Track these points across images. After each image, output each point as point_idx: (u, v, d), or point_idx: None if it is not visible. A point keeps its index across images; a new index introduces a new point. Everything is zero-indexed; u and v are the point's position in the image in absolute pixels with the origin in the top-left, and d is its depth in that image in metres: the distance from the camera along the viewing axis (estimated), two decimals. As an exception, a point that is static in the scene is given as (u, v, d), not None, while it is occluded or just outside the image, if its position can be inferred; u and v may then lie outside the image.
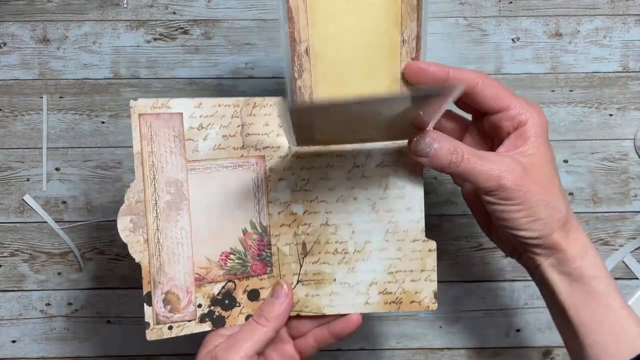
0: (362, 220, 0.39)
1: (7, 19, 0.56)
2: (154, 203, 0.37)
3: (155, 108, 0.37)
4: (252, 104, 0.38)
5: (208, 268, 0.38)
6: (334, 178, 0.39)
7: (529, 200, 0.36)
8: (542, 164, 0.37)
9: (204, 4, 0.56)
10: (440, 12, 0.57)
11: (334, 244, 0.39)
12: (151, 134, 0.37)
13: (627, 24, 0.57)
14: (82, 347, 0.56)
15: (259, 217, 0.39)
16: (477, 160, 0.36)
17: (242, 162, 0.38)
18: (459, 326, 0.57)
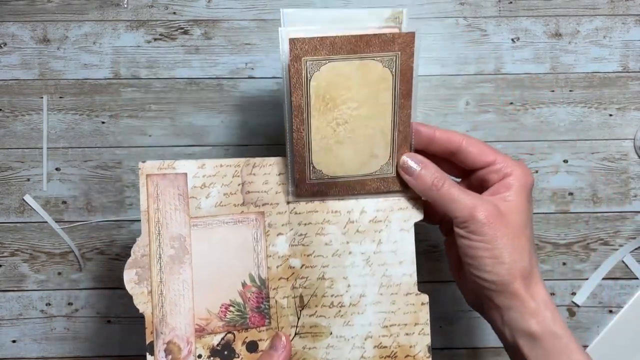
0: (357, 274, 0.41)
1: (7, 19, 0.56)
2: (159, 257, 0.39)
3: (161, 169, 0.39)
4: (252, 164, 0.40)
5: (208, 319, 0.40)
6: (329, 233, 0.41)
7: (496, 240, 0.37)
8: (518, 213, 0.38)
9: (204, 4, 0.56)
10: (440, 12, 0.57)
11: (330, 297, 0.41)
12: (157, 193, 0.39)
13: (627, 24, 0.57)
14: (82, 347, 0.56)
15: (258, 271, 0.40)
16: (456, 190, 0.38)
17: (242, 218, 0.40)
18: (459, 326, 0.57)
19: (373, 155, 0.40)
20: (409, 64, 0.37)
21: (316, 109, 0.38)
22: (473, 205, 0.37)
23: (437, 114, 0.56)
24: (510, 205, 0.38)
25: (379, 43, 0.37)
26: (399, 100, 0.38)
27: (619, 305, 0.56)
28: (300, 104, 0.37)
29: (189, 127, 0.56)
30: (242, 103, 0.56)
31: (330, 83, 0.37)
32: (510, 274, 0.37)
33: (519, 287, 0.37)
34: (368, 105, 0.38)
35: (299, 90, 0.37)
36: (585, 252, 0.56)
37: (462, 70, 0.57)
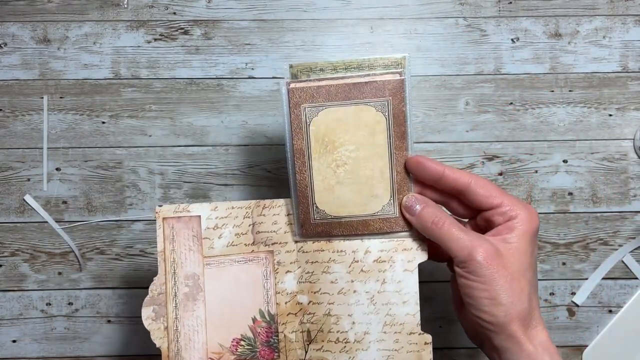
0: (362, 312, 0.42)
1: (8, 19, 0.56)
2: (174, 295, 0.41)
3: (177, 212, 0.41)
4: (262, 206, 0.42)
5: (220, 353, 0.41)
6: (335, 272, 0.42)
7: (494, 281, 0.37)
8: (519, 255, 0.38)
9: (204, 5, 0.57)
10: (440, 12, 0.57)
11: (336, 333, 0.42)
12: (173, 235, 0.41)
13: (626, 24, 0.57)
14: (82, 347, 0.56)
15: (268, 307, 0.42)
16: (456, 229, 0.38)
17: (252, 257, 0.42)
18: (459, 326, 0.57)
19: (374, 196, 0.41)
20: (401, 108, 0.39)
21: (316, 152, 0.40)
22: (472, 245, 0.37)
23: (437, 114, 0.57)
24: (511, 247, 0.38)
25: (370, 90, 0.39)
26: (395, 142, 0.40)
27: (618, 305, 0.57)
28: (302, 147, 0.40)
29: (189, 127, 0.56)
30: (242, 103, 0.56)
31: (328, 127, 0.39)
32: (508, 315, 0.37)
33: (517, 329, 0.37)
34: (365, 147, 0.40)
35: (299, 134, 0.39)
36: (584, 252, 0.57)
37: (462, 71, 0.57)
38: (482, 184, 0.40)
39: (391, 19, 0.57)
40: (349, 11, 0.57)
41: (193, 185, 0.56)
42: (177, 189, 0.56)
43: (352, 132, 0.39)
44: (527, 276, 0.38)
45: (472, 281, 0.37)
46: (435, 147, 0.56)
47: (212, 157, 0.56)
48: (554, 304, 0.57)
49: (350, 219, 0.41)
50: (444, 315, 0.57)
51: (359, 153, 0.40)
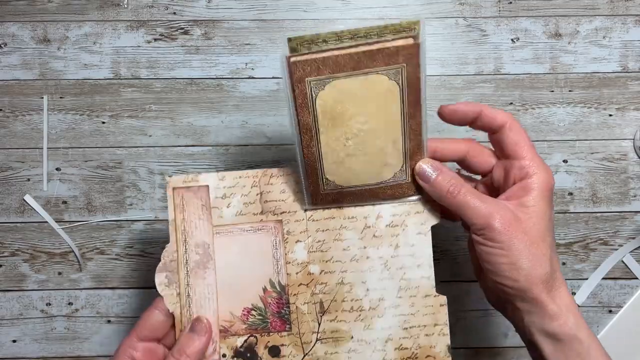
0: (376, 279, 0.42)
1: (8, 19, 0.56)
2: (185, 262, 0.42)
3: (186, 182, 0.42)
4: (269, 174, 0.42)
5: (231, 322, 0.42)
6: (347, 239, 0.42)
7: (513, 247, 0.37)
8: (537, 218, 0.38)
9: (204, 5, 0.57)
10: (440, 12, 0.57)
11: (350, 302, 0.42)
12: (183, 204, 0.42)
13: (626, 25, 0.57)
14: (82, 347, 0.56)
15: (278, 277, 0.42)
16: (472, 197, 0.38)
17: (261, 226, 0.42)
18: (459, 326, 0.57)
19: (386, 165, 0.40)
20: (416, 74, 0.37)
21: (324, 126, 0.38)
22: (489, 212, 0.37)
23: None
24: (529, 211, 0.38)
25: (382, 57, 0.36)
26: (408, 110, 0.38)
27: (618, 305, 0.57)
28: (308, 122, 0.38)
29: (189, 127, 0.56)
30: (242, 103, 0.56)
31: (336, 100, 0.37)
32: (529, 280, 0.37)
33: (539, 292, 0.37)
34: (376, 118, 0.38)
35: (305, 110, 0.37)
36: (584, 252, 0.57)
37: (462, 71, 0.57)
38: (516, 129, 0.39)
39: (391, 19, 0.57)
40: (349, 11, 0.57)
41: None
42: (177, 189, 0.56)
43: (362, 104, 0.38)
44: (547, 240, 0.38)
45: (491, 247, 0.37)
46: (435, 147, 0.56)
47: (212, 157, 0.56)
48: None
49: (361, 187, 0.40)
50: (444, 315, 0.57)
51: (370, 125, 0.38)
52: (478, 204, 0.38)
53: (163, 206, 0.56)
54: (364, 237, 0.42)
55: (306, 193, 0.41)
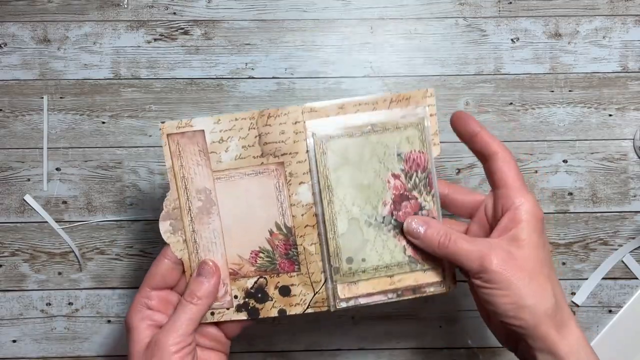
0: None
1: (8, 19, 0.56)
2: (188, 209, 0.41)
3: (180, 128, 0.41)
4: (266, 115, 0.41)
5: (240, 264, 0.42)
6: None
7: (513, 285, 0.36)
8: (531, 250, 0.37)
9: (204, 5, 0.57)
10: (440, 12, 0.57)
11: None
12: (179, 151, 0.41)
13: (626, 25, 0.57)
14: (82, 347, 0.56)
15: (283, 219, 0.42)
16: (463, 243, 0.38)
17: (262, 169, 0.41)
18: (459, 326, 0.57)
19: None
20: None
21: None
22: (482, 255, 0.37)
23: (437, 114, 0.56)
24: (522, 244, 0.37)
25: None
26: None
27: (618, 305, 0.57)
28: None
29: (189, 127, 0.56)
30: (242, 103, 0.56)
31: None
32: (535, 318, 0.36)
33: (548, 329, 0.36)
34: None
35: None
36: (584, 252, 0.57)
37: (462, 71, 0.57)
38: (507, 159, 0.39)
39: (391, 19, 0.57)
40: (349, 11, 0.57)
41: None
42: (177, 189, 0.56)
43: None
44: (545, 272, 0.37)
45: (491, 289, 0.37)
46: (435, 147, 0.56)
47: (212, 157, 0.56)
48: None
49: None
50: (444, 315, 0.57)
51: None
52: (470, 248, 0.38)
53: (163, 206, 0.56)
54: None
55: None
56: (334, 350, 0.56)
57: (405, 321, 0.57)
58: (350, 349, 0.56)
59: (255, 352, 0.56)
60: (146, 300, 0.40)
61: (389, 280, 0.42)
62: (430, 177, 0.41)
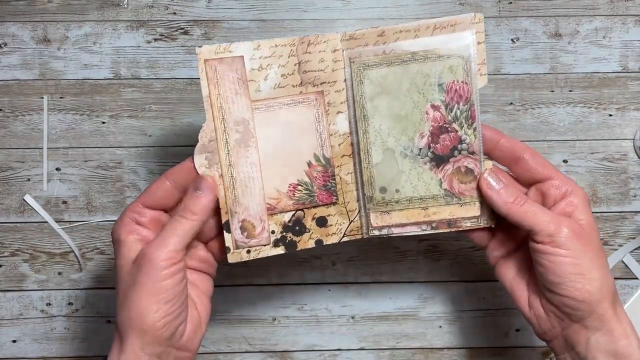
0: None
1: (8, 19, 0.56)
2: (225, 141, 0.40)
3: (218, 53, 0.39)
4: (306, 42, 0.40)
5: (278, 199, 0.41)
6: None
7: (585, 255, 0.36)
8: (595, 232, 0.38)
9: (204, 5, 0.57)
10: (440, 12, 0.57)
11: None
12: (217, 78, 0.40)
13: (626, 25, 0.57)
14: (82, 347, 0.56)
15: (322, 150, 0.41)
16: (539, 207, 0.38)
17: (301, 99, 0.40)
18: (459, 326, 0.57)
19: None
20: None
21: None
22: (558, 219, 0.37)
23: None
24: (585, 224, 0.37)
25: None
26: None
27: (618, 305, 0.57)
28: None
29: (189, 127, 0.56)
30: (242, 103, 0.56)
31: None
32: (601, 291, 0.36)
33: (607, 308, 0.36)
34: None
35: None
36: (585, 252, 0.57)
37: (462, 71, 0.57)
38: (535, 154, 0.40)
39: (391, 19, 0.57)
40: (349, 11, 0.57)
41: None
42: (177, 189, 0.56)
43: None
44: (603, 255, 0.37)
45: (562, 256, 0.36)
46: (435, 147, 0.56)
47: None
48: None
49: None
50: (444, 315, 0.57)
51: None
52: (545, 211, 0.37)
53: (163, 206, 0.56)
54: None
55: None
56: (334, 350, 0.56)
57: (405, 321, 0.57)
58: (350, 349, 0.57)
59: (255, 352, 0.56)
60: (137, 216, 0.39)
61: (423, 212, 0.41)
62: (473, 109, 0.40)
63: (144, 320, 0.35)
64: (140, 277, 0.36)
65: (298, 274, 0.56)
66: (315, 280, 0.56)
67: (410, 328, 0.57)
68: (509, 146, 0.40)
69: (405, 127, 0.40)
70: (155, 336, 0.36)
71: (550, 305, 0.38)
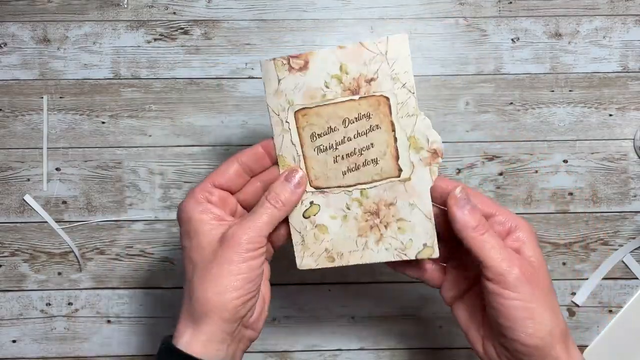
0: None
1: (8, 19, 0.56)
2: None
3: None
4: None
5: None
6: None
7: (535, 298, 0.35)
8: (544, 270, 0.36)
9: (204, 4, 0.57)
10: (440, 12, 0.57)
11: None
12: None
13: (626, 24, 0.57)
14: (82, 347, 0.56)
15: None
16: (498, 241, 0.36)
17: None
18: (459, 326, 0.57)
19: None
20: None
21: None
22: (511, 258, 0.35)
23: (437, 114, 0.57)
24: (535, 261, 0.36)
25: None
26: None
27: (618, 305, 0.57)
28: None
29: (189, 127, 0.56)
30: (242, 103, 0.56)
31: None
32: (553, 335, 0.34)
33: (561, 350, 0.35)
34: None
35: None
36: (585, 252, 0.57)
37: (462, 71, 0.57)
38: (472, 193, 0.38)
39: (391, 19, 0.57)
40: (349, 11, 0.57)
41: (193, 186, 0.56)
42: (177, 189, 0.56)
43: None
44: (554, 292, 0.36)
45: (512, 299, 0.35)
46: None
47: (212, 157, 0.56)
48: (554, 304, 0.57)
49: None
50: (444, 315, 0.57)
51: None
52: (502, 248, 0.36)
53: (163, 206, 0.56)
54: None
55: None
56: (334, 350, 0.56)
57: (405, 321, 0.57)
58: (350, 349, 0.56)
59: (255, 352, 0.56)
60: (207, 195, 0.39)
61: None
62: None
63: (226, 296, 0.36)
64: (227, 256, 0.36)
65: (298, 273, 0.56)
66: (315, 280, 0.56)
67: (410, 328, 0.57)
68: (441, 186, 0.38)
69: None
70: (233, 313, 0.36)
71: (503, 349, 0.37)
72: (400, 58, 0.38)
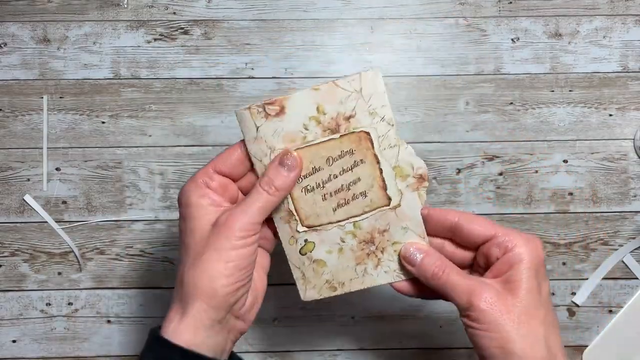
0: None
1: (8, 19, 0.56)
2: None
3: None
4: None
5: None
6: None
7: (501, 328, 0.34)
8: (525, 293, 0.35)
9: (204, 5, 0.57)
10: (440, 12, 0.57)
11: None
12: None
13: (626, 24, 0.57)
14: (82, 347, 0.56)
15: None
16: (456, 276, 0.36)
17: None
18: (459, 326, 0.57)
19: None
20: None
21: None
22: (471, 290, 0.35)
23: (437, 114, 0.57)
24: (515, 286, 0.35)
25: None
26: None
27: (618, 305, 0.57)
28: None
29: (189, 127, 0.56)
30: (242, 103, 0.56)
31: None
32: (532, 359, 0.33)
33: None
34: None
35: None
36: (585, 252, 0.57)
37: (462, 71, 0.57)
38: (470, 218, 0.38)
39: (391, 19, 0.57)
40: (349, 11, 0.57)
41: (193, 185, 0.56)
42: (177, 189, 0.56)
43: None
44: (539, 316, 0.35)
45: (479, 330, 0.35)
46: (435, 147, 0.56)
47: (212, 157, 0.56)
48: (554, 305, 0.57)
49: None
50: (444, 315, 0.57)
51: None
52: (461, 282, 0.36)
53: (163, 206, 0.56)
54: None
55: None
56: (334, 350, 0.56)
57: (405, 321, 0.57)
58: (350, 349, 0.56)
59: (255, 352, 0.56)
60: (208, 180, 0.38)
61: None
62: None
63: (215, 282, 0.35)
64: (218, 242, 0.36)
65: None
66: (315, 280, 0.56)
67: (410, 328, 0.57)
68: (439, 215, 0.38)
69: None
70: (222, 300, 0.36)
71: None
72: (375, 94, 0.38)
